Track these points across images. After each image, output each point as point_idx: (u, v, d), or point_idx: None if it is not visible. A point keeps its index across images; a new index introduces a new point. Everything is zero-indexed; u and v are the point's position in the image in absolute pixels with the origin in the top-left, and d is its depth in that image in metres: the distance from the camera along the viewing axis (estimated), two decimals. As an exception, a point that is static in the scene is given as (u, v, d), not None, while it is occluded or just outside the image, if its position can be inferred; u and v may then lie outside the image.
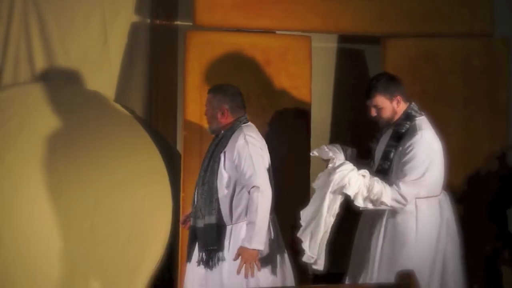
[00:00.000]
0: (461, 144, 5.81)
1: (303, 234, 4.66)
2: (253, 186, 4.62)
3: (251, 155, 4.67)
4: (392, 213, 4.69)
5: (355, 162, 4.77)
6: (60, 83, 5.80)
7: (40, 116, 5.61)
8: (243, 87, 5.56)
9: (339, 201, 4.62)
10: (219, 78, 5.51)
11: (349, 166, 4.61)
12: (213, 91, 4.88)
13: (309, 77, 5.75)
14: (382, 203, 4.59)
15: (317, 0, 5.70)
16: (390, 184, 4.60)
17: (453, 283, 4.76)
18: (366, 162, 4.93)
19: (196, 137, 5.54)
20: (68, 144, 5.58)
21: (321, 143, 6.12)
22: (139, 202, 5.59)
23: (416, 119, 4.71)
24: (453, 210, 4.84)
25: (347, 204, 4.72)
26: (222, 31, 5.69)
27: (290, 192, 5.67)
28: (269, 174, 4.76)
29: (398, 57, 5.75)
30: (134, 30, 5.94)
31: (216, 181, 4.73)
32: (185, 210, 5.31)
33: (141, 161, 5.65)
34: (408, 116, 4.72)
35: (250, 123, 4.86)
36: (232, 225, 4.72)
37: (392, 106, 4.72)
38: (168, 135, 6.00)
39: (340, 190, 4.57)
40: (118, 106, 5.80)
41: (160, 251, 5.56)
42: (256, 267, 4.57)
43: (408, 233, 4.67)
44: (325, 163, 4.76)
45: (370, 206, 4.61)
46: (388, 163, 4.68)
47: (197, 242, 4.80)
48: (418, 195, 4.64)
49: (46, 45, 5.81)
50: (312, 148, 5.76)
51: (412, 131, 4.65)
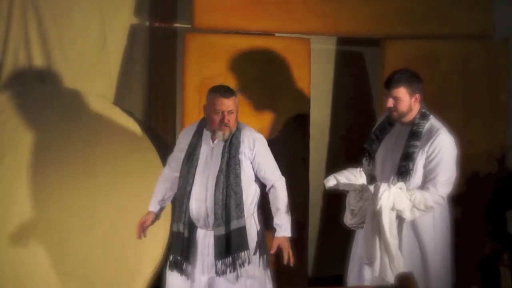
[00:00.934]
0: (460, 146, 5.79)
1: (382, 273, 4.63)
2: (278, 178, 4.83)
3: (267, 150, 4.85)
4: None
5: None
6: (59, 85, 5.80)
7: (39, 118, 5.61)
8: (242, 90, 5.59)
9: (395, 222, 4.62)
10: (218, 80, 5.50)
11: (384, 185, 4.60)
12: (233, 93, 4.79)
13: (308, 79, 5.75)
14: (427, 208, 4.62)
15: (316, 2, 5.70)
16: (422, 187, 4.65)
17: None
18: (356, 166, 4.94)
19: (195, 139, 5.54)
20: (67, 146, 5.58)
21: (320, 145, 6.17)
22: (138, 204, 5.58)
23: (431, 118, 4.75)
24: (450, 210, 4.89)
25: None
26: (221, 33, 5.69)
27: (289, 194, 5.67)
28: None
29: (398, 59, 5.74)
30: (133, 32, 5.94)
31: (241, 183, 4.74)
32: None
33: (140, 163, 5.65)
34: (424, 115, 4.74)
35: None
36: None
37: (410, 102, 4.72)
38: (167, 137, 5.99)
39: (393, 209, 4.59)
40: (117, 108, 5.80)
41: (159, 253, 5.56)
42: None
43: (427, 231, 4.72)
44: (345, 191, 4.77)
45: (418, 214, 4.64)
46: (412, 164, 4.66)
47: (215, 251, 4.73)
48: (448, 193, 4.70)
49: (45, 47, 5.81)
50: (312, 151, 5.79)
51: (433, 130, 4.69)
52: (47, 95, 5.70)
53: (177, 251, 4.81)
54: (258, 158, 4.79)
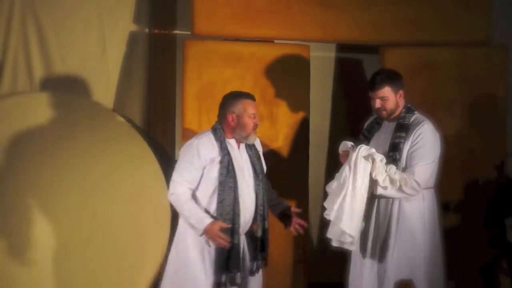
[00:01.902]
0: (459, 152, 5.81)
1: (333, 213, 4.70)
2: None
3: None
4: (400, 205, 4.79)
5: None
6: (59, 93, 5.80)
7: (38, 126, 5.60)
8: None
9: (368, 171, 4.67)
10: (217, 87, 5.52)
11: (367, 147, 4.73)
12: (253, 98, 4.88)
13: (308, 86, 5.76)
14: (400, 189, 4.69)
15: (316, 10, 5.70)
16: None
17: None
18: None
19: (195, 146, 5.53)
20: (66, 153, 5.57)
21: (320, 152, 6.16)
22: (137, 211, 5.59)
23: (415, 112, 4.90)
24: (438, 206, 4.95)
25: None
26: (221, 40, 5.69)
27: (289, 201, 5.68)
28: None
29: (397, 66, 5.71)
30: (133, 39, 5.95)
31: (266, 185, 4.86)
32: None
33: (140, 170, 5.64)
34: (409, 109, 4.91)
35: None
36: None
37: (396, 99, 4.88)
38: (167, 144, 6.00)
39: (367, 158, 4.66)
40: (117, 115, 5.80)
41: (159, 261, 5.55)
42: None
43: (418, 223, 4.79)
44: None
45: (388, 185, 4.68)
46: (398, 154, 4.79)
47: (253, 253, 4.79)
48: (428, 181, 4.77)
49: (45, 54, 5.81)
50: (311, 157, 5.80)
51: (418, 122, 4.84)
52: (47, 102, 5.69)
53: (235, 266, 4.72)
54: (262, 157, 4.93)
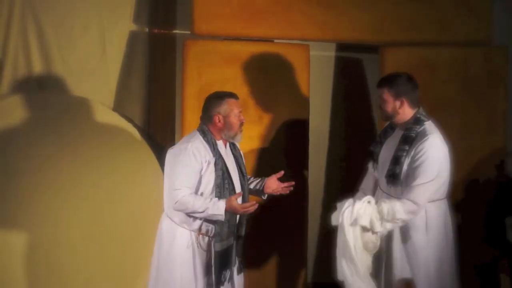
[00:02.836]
0: (460, 152, 5.80)
1: (341, 273, 4.68)
2: None
3: None
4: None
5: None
6: (59, 92, 5.81)
7: (38, 125, 5.61)
8: (241, 96, 5.58)
9: (360, 234, 4.62)
10: (217, 87, 5.51)
11: (349, 201, 4.64)
12: None
13: (307, 86, 5.76)
14: (399, 220, 4.61)
15: (315, 9, 5.71)
16: (399, 194, 4.65)
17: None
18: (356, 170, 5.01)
19: (194, 146, 5.54)
20: (66, 153, 5.58)
21: (320, 152, 6.18)
22: (137, 210, 5.59)
23: (425, 124, 4.76)
24: (452, 217, 4.86)
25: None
26: (221, 40, 5.70)
27: (288, 203, 5.68)
28: None
29: (396, 66, 5.73)
30: (133, 39, 5.95)
31: None
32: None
33: (139, 170, 5.65)
34: (417, 121, 4.76)
35: None
36: None
37: (394, 105, 4.77)
38: (166, 144, 5.99)
39: (355, 224, 4.59)
40: (117, 115, 5.80)
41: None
42: None
43: (419, 236, 4.72)
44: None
45: (390, 227, 4.63)
46: (399, 168, 4.69)
47: (240, 251, 4.82)
48: (430, 199, 4.68)
49: (45, 54, 5.81)
50: (311, 157, 5.80)
51: (422, 135, 4.69)
52: (47, 102, 5.70)
53: (229, 264, 4.75)
54: None
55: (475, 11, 5.91)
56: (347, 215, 4.59)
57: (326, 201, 6.23)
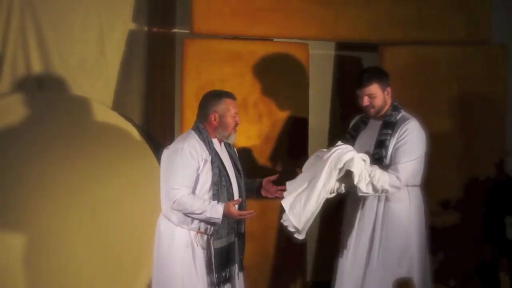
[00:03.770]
0: (459, 151, 5.82)
1: (286, 203, 4.75)
2: None
3: None
4: (386, 202, 4.82)
5: None
6: (58, 92, 5.80)
7: (38, 124, 5.60)
8: (241, 95, 5.59)
9: (335, 178, 4.69)
10: (216, 86, 5.51)
11: (350, 147, 4.73)
12: None
13: (307, 84, 5.76)
14: (383, 190, 4.71)
15: (315, 8, 5.71)
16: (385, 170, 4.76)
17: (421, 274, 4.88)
18: None
19: (194, 145, 5.54)
20: (65, 153, 5.57)
21: (319, 149, 6.15)
22: (137, 210, 5.58)
23: (402, 111, 4.92)
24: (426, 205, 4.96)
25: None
26: (220, 39, 5.69)
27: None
28: None
29: (395, 64, 5.76)
30: (132, 38, 5.95)
31: None
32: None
33: (139, 169, 5.64)
34: (396, 108, 4.92)
35: None
36: None
37: (384, 96, 4.91)
38: (166, 143, 5.98)
39: (340, 165, 4.65)
40: (116, 114, 5.80)
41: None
42: None
43: (405, 223, 4.82)
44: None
45: (371, 192, 4.71)
46: (385, 150, 4.81)
47: (242, 249, 4.82)
48: (410, 180, 4.78)
49: (44, 53, 5.81)
50: (310, 153, 5.78)
51: (404, 119, 4.86)
52: (46, 101, 5.69)
53: (231, 262, 4.75)
54: None
55: (474, 10, 5.92)
56: (337, 155, 4.66)
57: (325, 200, 6.21)
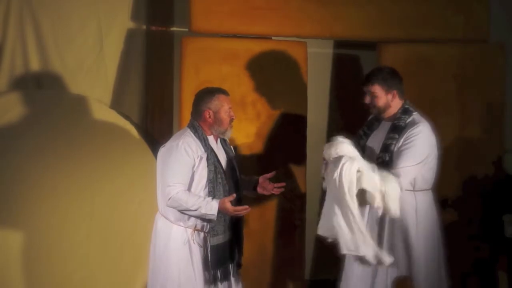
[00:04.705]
0: (457, 149, 5.82)
1: (348, 246, 4.61)
2: None
3: None
4: None
5: None
6: (56, 90, 5.80)
7: (36, 123, 5.60)
8: (239, 93, 5.59)
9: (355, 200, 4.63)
10: (215, 84, 5.51)
11: (349, 148, 4.66)
12: None
13: (305, 83, 5.76)
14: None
15: (313, 7, 5.71)
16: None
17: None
18: None
19: (192, 143, 5.54)
20: (64, 151, 5.57)
21: (317, 149, 6.15)
22: (135, 208, 5.59)
23: (413, 114, 4.85)
24: (438, 210, 4.91)
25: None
26: (218, 37, 5.69)
27: (286, 199, 5.69)
28: None
29: (394, 63, 5.71)
30: (130, 37, 5.94)
31: None
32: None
33: (137, 167, 5.64)
34: (406, 111, 4.86)
35: None
36: None
37: (387, 98, 4.86)
38: (164, 141, 5.98)
39: (355, 190, 4.61)
40: (114, 112, 5.80)
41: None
42: None
43: (410, 225, 4.77)
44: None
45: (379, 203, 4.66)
46: (389, 155, 4.77)
47: (240, 248, 4.82)
48: (411, 184, 4.74)
49: (42, 52, 5.80)
50: (309, 153, 5.80)
51: (412, 124, 4.79)
52: (44, 100, 5.69)
53: (228, 260, 4.75)
54: None
55: (473, 9, 5.92)
56: (347, 172, 4.59)
57: (324, 198, 6.22)
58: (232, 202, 4.63)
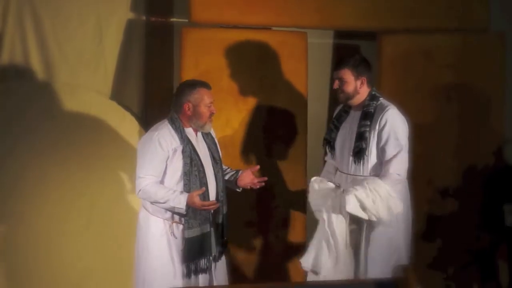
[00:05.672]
0: (457, 139, 5.81)
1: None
2: None
3: None
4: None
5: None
6: (55, 81, 5.79)
7: (36, 115, 5.60)
8: (239, 83, 5.59)
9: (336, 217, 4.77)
10: (215, 75, 5.51)
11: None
12: None
13: (305, 73, 5.75)
14: (393, 197, 4.72)
15: (313, -4, 5.70)
16: (378, 168, 4.79)
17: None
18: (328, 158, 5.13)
19: (192, 134, 5.53)
20: (64, 143, 5.57)
21: (318, 139, 6.15)
22: (135, 202, 5.58)
23: (380, 98, 4.93)
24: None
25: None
26: (218, 28, 5.68)
27: (286, 188, 5.68)
28: None
29: (394, 52, 5.76)
30: (130, 27, 5.93)
31: None
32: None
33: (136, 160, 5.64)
34: (373, 97, 4.94)
35: None
36: None
37: (355, 84, 4.92)
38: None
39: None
40: (114, 103, 5.80)
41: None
42: None
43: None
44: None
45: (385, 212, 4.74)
46: (365, 143, 4.83)
47: (215, 239, 4.79)
48: (406, 168, 4.80)
49: (41, 43, 5.79)
50: (309, 145, 5.79)
51: (381, 108, 4.87)
52: (44, 91, 5.68)
53: (206, 252, 4.74)
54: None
55: (473, -2, 5.91)
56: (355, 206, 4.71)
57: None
58: (205, 196, 4.61)
